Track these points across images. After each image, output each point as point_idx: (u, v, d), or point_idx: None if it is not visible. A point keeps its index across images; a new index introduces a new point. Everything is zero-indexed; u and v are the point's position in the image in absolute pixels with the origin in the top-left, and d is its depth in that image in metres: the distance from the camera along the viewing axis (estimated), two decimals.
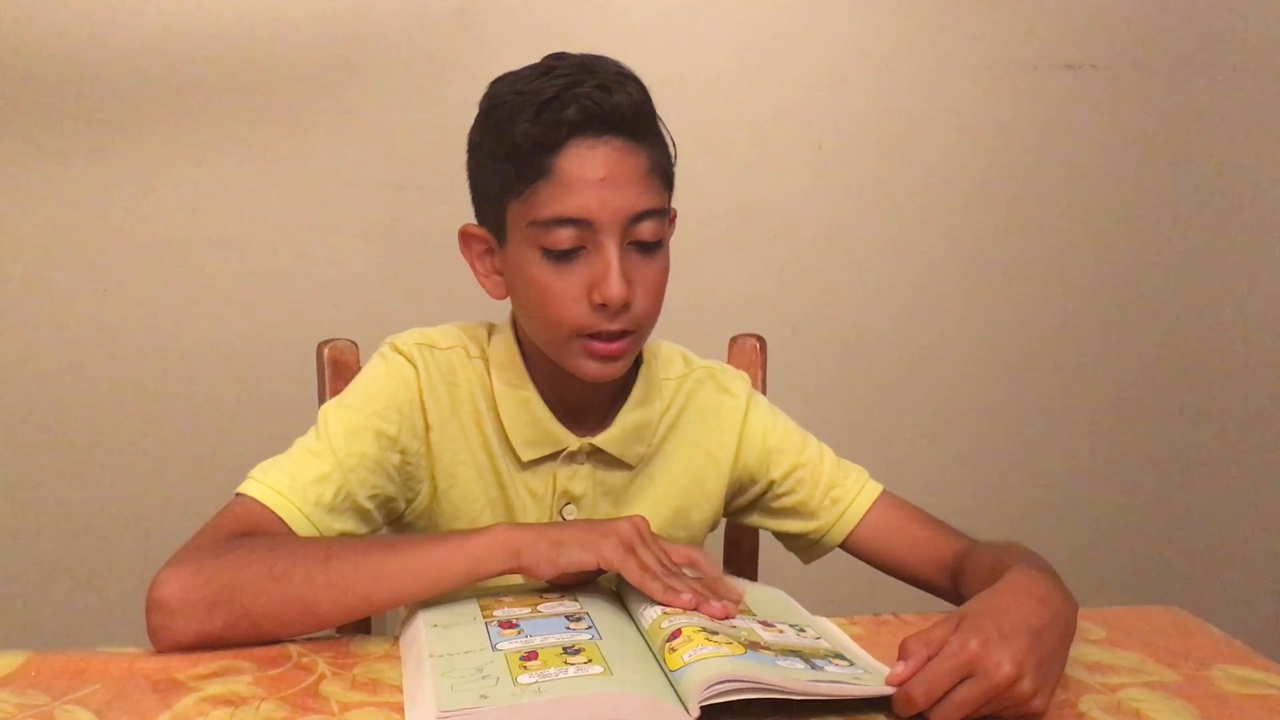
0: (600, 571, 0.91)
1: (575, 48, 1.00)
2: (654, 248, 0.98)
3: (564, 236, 0.94)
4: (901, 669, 0.75)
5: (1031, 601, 0.79)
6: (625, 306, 0.95)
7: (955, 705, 0.73)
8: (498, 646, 0.79)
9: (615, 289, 0.93)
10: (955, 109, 1.82)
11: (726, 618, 0.84)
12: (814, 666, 0.76)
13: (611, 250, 0.94)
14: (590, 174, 0.93)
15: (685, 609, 0.83)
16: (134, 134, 1.61)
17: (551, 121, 0.92)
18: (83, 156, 1.60)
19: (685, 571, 0.90)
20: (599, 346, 0.96)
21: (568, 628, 0.83)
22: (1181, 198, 1.91)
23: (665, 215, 0.98)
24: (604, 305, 0.94)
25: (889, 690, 0.75)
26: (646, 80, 0.98)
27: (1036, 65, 1.82)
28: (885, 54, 1.78)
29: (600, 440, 1.05)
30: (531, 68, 0.97)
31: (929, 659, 0.74)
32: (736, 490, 1.15)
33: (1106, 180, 1.88)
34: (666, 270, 1.00)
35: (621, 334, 0.97)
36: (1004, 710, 0.74)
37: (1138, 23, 1.84)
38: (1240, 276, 1.94)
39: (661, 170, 0.99)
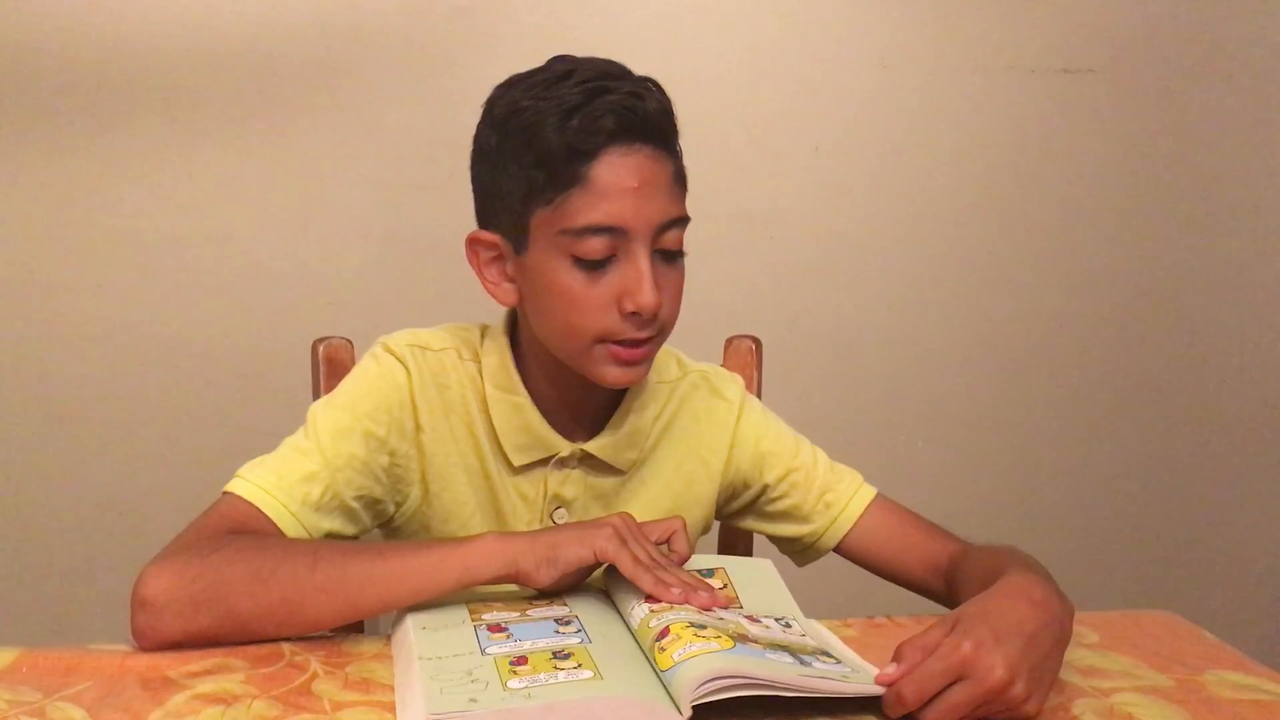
0: (592, 570, 0.91)
1: (574, 48, 1.00)
2: (677, 256, 0.98)
3: (597, 245, 0.93)
4: (894, 670, 0.75)
5: (1026, 605, 0.79)
6: (655, 314, 0.95)
7: (947, 707, 0.73)
8: (487, 650, 0.79)
9: (649, 298, 0.93)
10: (952, 112, 1.82)
11: (714, 607, 0.84)
12: (802, 662, 0.76)
13: (643, 259, 0.94)
14: (626, 182, 0.92)
15: (675, 603, 0.83)
16: (130, 130, 1.60)
17: (588, 129, 0.91)
18: (78, 152, 1.60)
19: (664, 548, 0.92)
20: (624, 352, 0.96)
21: (557, 631, 0.83)
22: (1177, 202, 1.91)
23: (687, 223, 0.98)
24: (635, 313, 0.94)
25: (878, 690, 0.75)
26: None
27: (1033, 69, 1.82)
28: (882, 57, 1.79)
29: (592, 446, 1.05)
30: (544, 71, 0.96)
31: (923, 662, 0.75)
32: (730, 494, 1.15)
33: (1103, 184, 1.88)
34: (684, 276, 1.00)
35: (647, 340, 0.97)
36: (996, 714, 0.74)
37: (1135, 27, 1.84)
38: (1236, 280, 1.95)
39: (682, 177, 0.99)
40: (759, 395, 1.27)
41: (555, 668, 0.76)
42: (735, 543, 1.32)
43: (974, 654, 0.73)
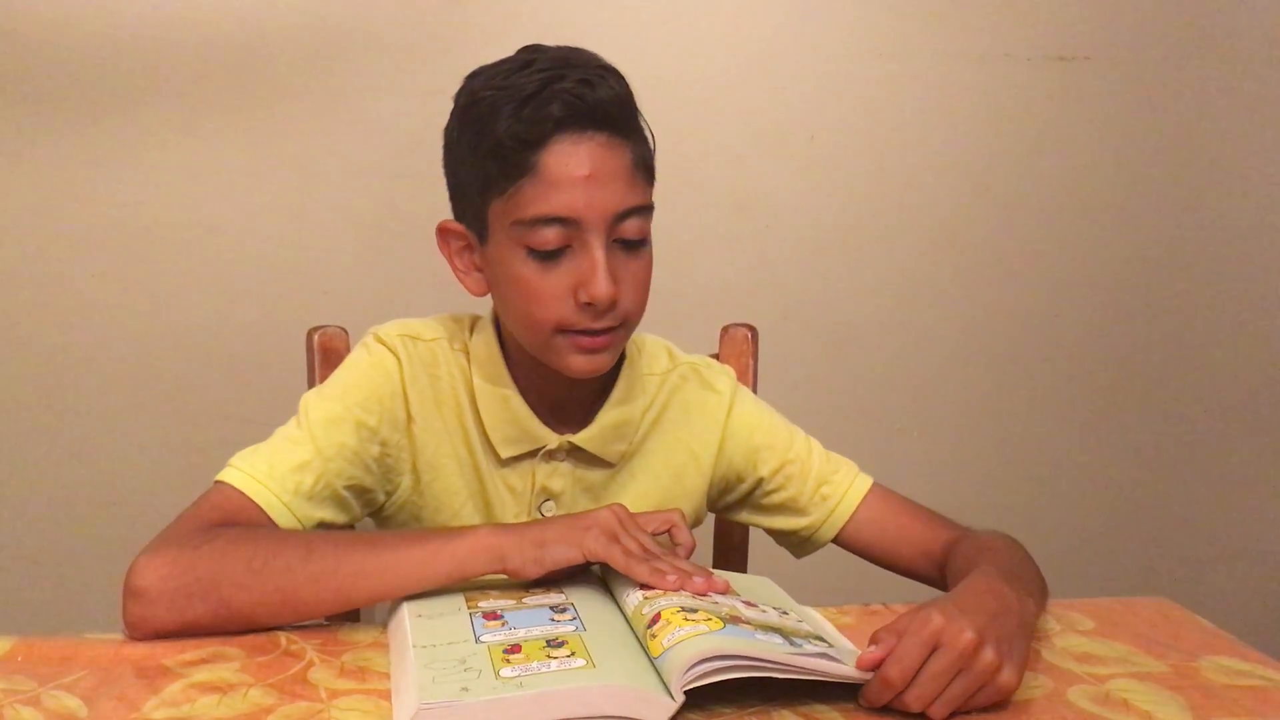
0: (589, 563, 0.91)
1: (567, 38, 0.99)
2: (639, 245, 0.97)
3: (550, 236, 0.93)
4: (876, 650, 0.75)
5: (986, 595, 0.80)
6: (612, 305, 0.94)
7: (929, 679, 0.74)
8: (481, 638, 0.79)
9: (603, 288, 0.92)
10: (947, 100, 1.82)
11: (710, 592, 0.84)
12: (793, 644, 0.76)
13: (598, 249, 0.93)
14: (575, 171, 0.92)
15: (671, 589, 0.83)
16: (123, 119, 1.60)
17: (535, 118, 0.91)
18: (71, 142, 1.59)
19: (664, 540, 0.92)
20: (586, 340, 0.96)
21: (552, 619, 0.82)
22: (1172, 190, 1.91)
23: (649, 212, 0.97)
24: (590, 304, 0.93)
25: (866, 676, 0.75)
26: (638, 72, 0.97)
27: (1029, 57, 1.82)
28: (878, 45, 1.78)
29: (580, 439, 1.04)
30: (508, 61, 0.96)
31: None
32: (723, 488, 1.14)
33: (1098, 172, 1.88)
34: (651, 265, 0.99)
35: (607, 330, 0.96)
36: (975, 688, 0.74)
37: (1130, 15, 1.84)
38: (1230, 269, 1.94)
39: (645, 165, 0.98)
40: (754, 384, 1.27)
41: (548, 656, 0.75)
42: (731, 534, 1.32)
43: (943, 623, 0.74)
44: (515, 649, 0.77)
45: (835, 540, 1.12)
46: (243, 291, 1.66)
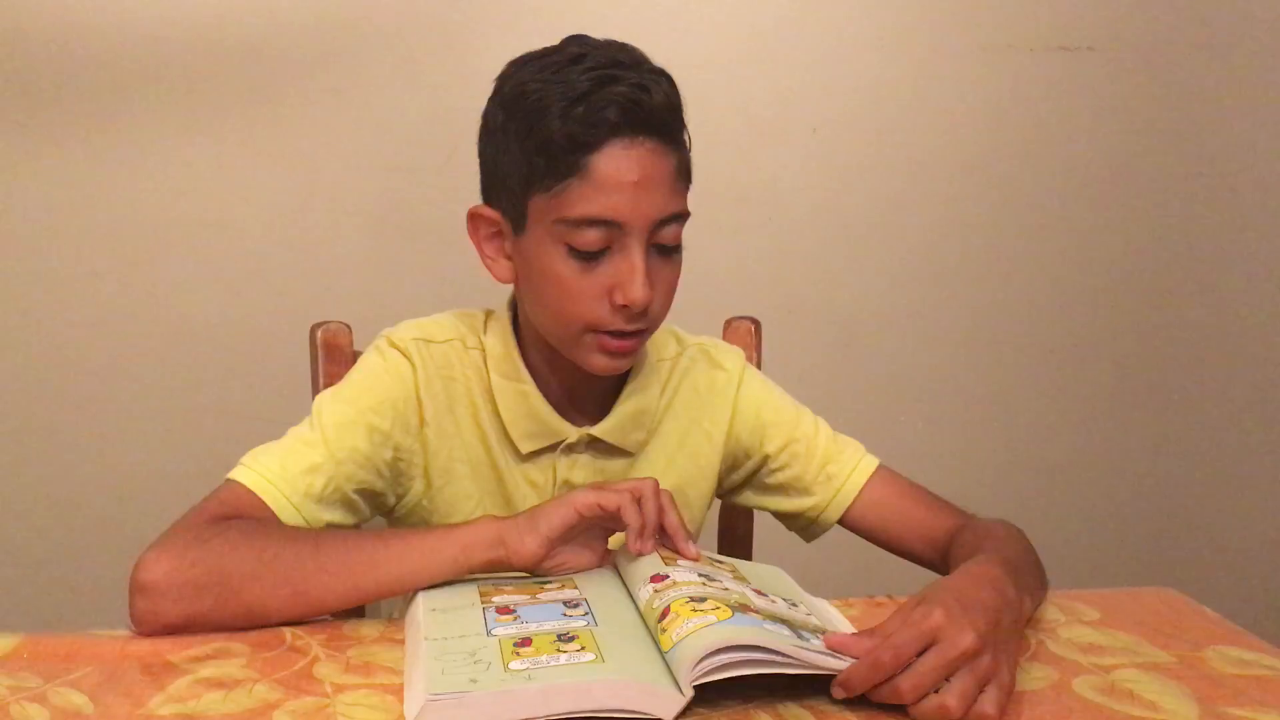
0: (599, 550, 0.92)
1: (568, 29, 0.99)
2: (673, 250, 0.98)
3: (592, 237, 0.93)
4: (849, 637, 0.76)
5: (986, 588, 0.80)
6: (646, 309, 0.95)
7: (923, 673, 0.72)
8: (492, 632, 0.79)
9: (641, 293, 0.93)
10: (950, 91, 1.81)
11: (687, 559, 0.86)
12: (800, 637, 0.76)
13: (637, 253, 0.93)
14: (625, 176, 0.92)
15: (651, 526, 0.88)
16: (125, 115, 1.60)
17: (590, 120, 0.91)
18: (73, 138, 1.59)
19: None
20: (612, 343, 0.96)
21: (564, 614, 0.83)
22: (1176, 181, 1.90)
23: (686, 219, 0.98)
24: (625, 306, 0.94)
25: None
26: None
27: (1032, 48, 1.82)
28: (880, 36, 1.78)
29: (599, 430, 1.05)
30: (555, 52, 0.95)
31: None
32: (731, 465, 1.14)
33: (1102, 163, 1.88)
34: (680, 270, 1.00)
35: (635, 332, 0.97)
36: (978, 686, 0.73)
37: (1134, 6, 1.83)
38: (1234, 260, 1.94)
39: (686, 172, 0.99)
40: None
41: (558, 650, 0.76)
42: (736, 523, 1.32)
43: (945, 621, 0.73)
44: (525, 642, 0.77)
45: (841, 522, 1.12)
46: (245, 288, 1.66)
